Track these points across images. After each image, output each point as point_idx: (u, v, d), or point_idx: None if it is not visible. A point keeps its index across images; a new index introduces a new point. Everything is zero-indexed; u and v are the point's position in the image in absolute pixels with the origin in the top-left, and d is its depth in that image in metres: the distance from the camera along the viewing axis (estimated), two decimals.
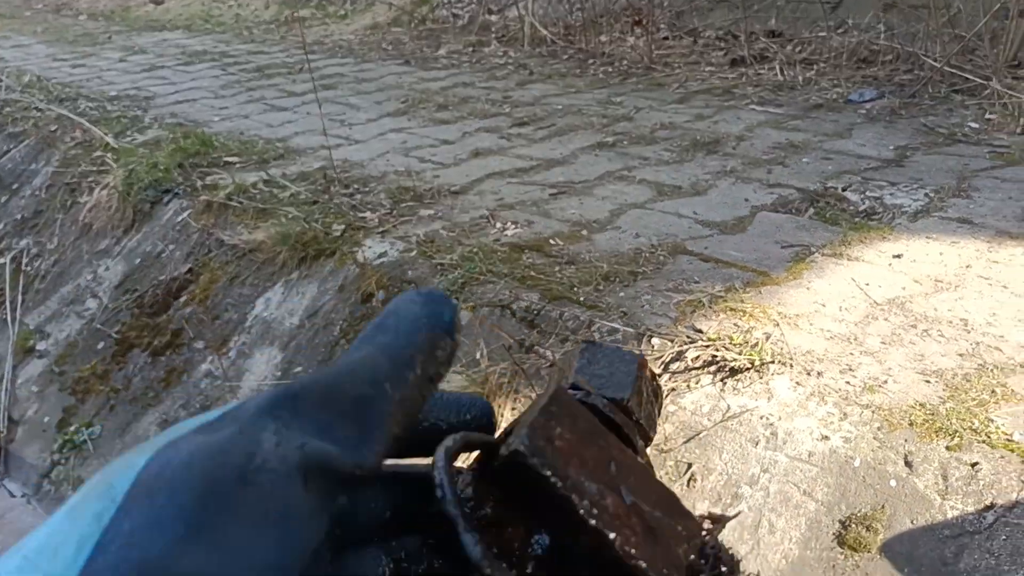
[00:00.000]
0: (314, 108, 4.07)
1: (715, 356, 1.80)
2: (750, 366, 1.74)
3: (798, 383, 1.69)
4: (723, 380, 1.76)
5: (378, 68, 5.29)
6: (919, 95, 3.65)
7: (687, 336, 1.88)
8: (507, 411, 1.94)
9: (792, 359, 1.75)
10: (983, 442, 1.48)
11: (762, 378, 1.72)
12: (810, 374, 1.71)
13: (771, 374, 1.72)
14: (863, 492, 1.50)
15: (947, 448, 1.49)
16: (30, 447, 2.82)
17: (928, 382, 1.67)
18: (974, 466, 1.45)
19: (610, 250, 2.37)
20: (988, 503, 1.40)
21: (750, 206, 2.63)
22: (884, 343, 1.81)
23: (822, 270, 2.17)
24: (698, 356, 1.82)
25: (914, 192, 2.64)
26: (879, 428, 1.56)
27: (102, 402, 2.79)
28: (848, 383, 1.68)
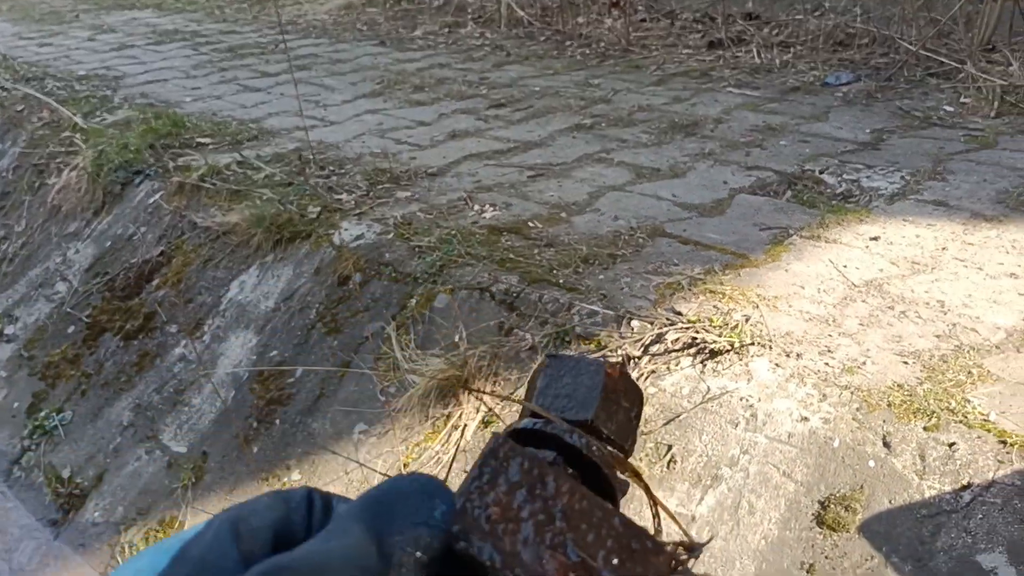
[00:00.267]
0: (288, 89, 4.01)
1: (695, 338, 1.80)
2: (730, 348, 1.74)
3: (777, 365, 1.70)
4: (703, 362, 1.76)
5: (353, 49, 5.22)
6: (895, 78, 3.67)
7: (667, 318, 1.87)
8: (488, 389, 1.93)
9: (771, 341, 1.75)
10: (960, 422, 1.50)
11: (742, 360, 1.72)
12: (789, 356, 1.71)
13: (751, 356, 1.72)
14: (842, 472, 1.51)
15: (925, 428, 1.50)
16: None
17: (906, 363, 1.67)
18: (951, 446, 1.46)
19: (589, 232, 2.36)
20: (965, 483, 1.41)
21: (728, 188, 2.63)
22: (862, 325, 1.82)
23: (800, 252, 2.17)
24: (678, 338, 1.81)
25: (890, 175, 2.65)
26: (858, 409, 1.56)
27: (73, 387, 2.74)
28: (827, 364, 1.68)
